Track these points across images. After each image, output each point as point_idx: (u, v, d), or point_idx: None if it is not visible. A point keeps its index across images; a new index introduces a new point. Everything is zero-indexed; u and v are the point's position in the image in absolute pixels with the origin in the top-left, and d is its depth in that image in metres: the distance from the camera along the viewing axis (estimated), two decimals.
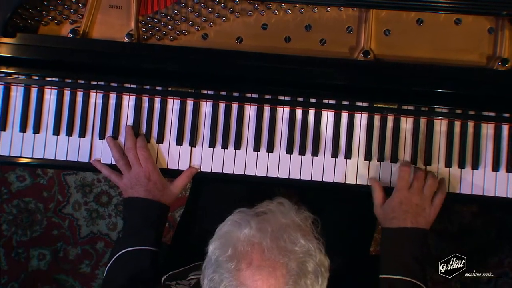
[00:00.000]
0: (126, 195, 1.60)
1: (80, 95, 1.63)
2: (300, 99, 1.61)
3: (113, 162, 1.61)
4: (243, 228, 1.13)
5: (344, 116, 1.62)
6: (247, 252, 1.10)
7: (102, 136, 1.62)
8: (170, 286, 1.37)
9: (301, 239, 1.12)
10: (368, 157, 1.61)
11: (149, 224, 1.55)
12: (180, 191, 1.63)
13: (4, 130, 1.63)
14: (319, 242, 1.16)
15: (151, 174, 1.57)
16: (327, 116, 1.62)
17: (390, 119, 1.62)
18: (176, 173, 1.63)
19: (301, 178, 1.62)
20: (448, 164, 1.61)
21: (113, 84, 1.62)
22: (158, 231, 1.56)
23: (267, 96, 1.62)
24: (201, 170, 1.62)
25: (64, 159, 1.63)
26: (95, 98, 1.63)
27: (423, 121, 1.62)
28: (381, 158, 1.61)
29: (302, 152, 1.61)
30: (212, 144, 1.62)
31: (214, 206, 1.72)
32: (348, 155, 1.61)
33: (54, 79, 1.62)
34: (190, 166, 1.62)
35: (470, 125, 1.62)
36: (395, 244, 1.51)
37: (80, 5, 1.61)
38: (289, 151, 1.62)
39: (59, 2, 1.60)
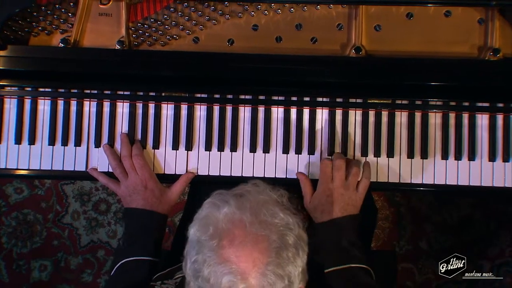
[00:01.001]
0: (124, 204, 1.60)
1: (73, 104, 1.63)
2: (294, 98, 1.61)
3: (110, 170, 1.61)
4: (222, 208, 1.14)
5: (339, 113, 1.62)
6: (228, 229, 1.10)
7: (97, 144, 1.62)
8: (155, 286, 1.37)
9: (280, 212, 1.14)
10: (364, 153, 1.61)
11: (147, 234, 1.55)
12: (178, 197, 1.63)
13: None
14: (297, 217, 1.17)
15: (147, 182, 1.57)
16: (322, 114, 1.62)
17: (384, 114, 1.62)
18: (174, 178, 1.63)
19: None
20: (445, 156, 1.61)
21: (106, 91, 1.62)
22: (156, 241, 1.56)
23: (261, 97, 1.62)
24: (198, 173, 1.62)
25: (61, 169, 1.63)
26: (89, 107, 1.63)
27: (417, 115, 1.62)
28: (377, 154, 1.61)
29: (298, 151, 1.61)
30: (208, 148, 1.62)
31: None
32: (344, 152, 1.61)
33: (47, 89, 1.62)
34: (186, 170, 1.62)
35: (465, 116, 1.62)
36: (330, 236, 1.51)
37: (70, 14, 1.61)
38: (286, 150, 1.62)
39: (49, 12, 1.60)
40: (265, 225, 1.11)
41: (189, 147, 1.62)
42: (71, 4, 1.60)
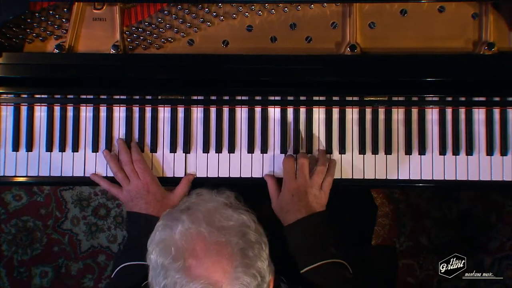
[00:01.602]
0: (127, 208, 1.60)
1: (70, 110, 1.63)
2: (291, 98, 1.61)
3: (109, 174, 1.61)
4: (175, 227, 1.12)
5: (335, 111, 1.62)
6: (189, 246, 1.09)
7: (95, 149, 1.62)
8: None
9: (233, 214, 1.14)
10: (362, 150, 1.61)
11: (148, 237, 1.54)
12: (180, 199, 1.62)
13: None
14: (249, 213, 1.17)
15: (149, 186, 1.57)
16: (319, 113, 1.62)
17: (381, 111, 1.62)
18: (172, 180, 1.62)
19: None
20: (443, 152, 1.61)
21: (102, 96, 1.62)
22: None
23: (258, 97, 1.62)
24: (197, 176, 1.62)
25: (59, 175, 1.63)
26: (86, 112, 1.63)
27: (414, 111, 1.62)
28: (375, 151, 1.61)
29: (296, 151, 1.61)
30: (206, 149, 1.62)
31: None
32: (342, 150, 1.61)
33: (43, 96, 1.62)
34: (185, 173, 1.62)
35: (462, 111, 1.62)
36: (299, 236, 1.50)
37: (64, 20, 1.61)
38: (283, 150, 1.62)
39: (43, 18, 1.60)
40: (223, 231, 1.10)
41: (187, 150, 1.62)
42: (65, 9, 1.60)
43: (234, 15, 1.61)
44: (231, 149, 1.62)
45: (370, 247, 1.93)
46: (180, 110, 1.63)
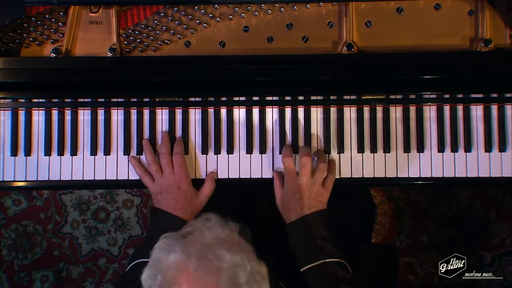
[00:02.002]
0: (154, 201, 1.60)
1: (68, 113, 1.62)
2: (288, 98, 1.61)
3: (108, 178, 1.61)
4: (169, 254, 1.14)
5: (333, 110, 1.62)
6: (175, 277, 1.10)
7: (93, 152, 1.62)
8: None
9: (226, 254, 1.12)
10: (360, 149, 1.61)
11: None
12: (207, 199, 1.61)
13: None
14: (248, 251, 1.17)
15: (181, 182, 1.56)
16: (317, 113, 1.62)
17: (379, 109, 1.62)
18: None
19: None
20: (441, 149, 1.61)
21: (100, 99, 1.61)
22: None
23: (255, 98, 1.61)
24: (196, 177, 1.62)
25: (58, 178, 1.62)
26: (83, 115, 1.63)
27: (412, 109, 1.62)
28: (373, 150, 1.61)
29: (295, 150, 1.61)
30: (204, 151, 1.62)
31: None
32: (340, 150, 1.61)
33: (40, 100, 1.61)
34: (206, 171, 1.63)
35: (459, 108, 1.62)
36: (300, 235, 1.51)
37: (60, 24, 1.61)
38: (282, 150, 1.61)
39: (39, 23, 1.60)
40: (211, 271, 1.10)
41: (185, 151, 1.61)
42: (61, 13, 1.60)
43: (231, 16, 1.61)
44: (230, 150, 1.62)
45: (370, 246, 1.93)
46: (178, 112, 1.63)
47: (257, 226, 1.77)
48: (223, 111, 1.62)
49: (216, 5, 1.59)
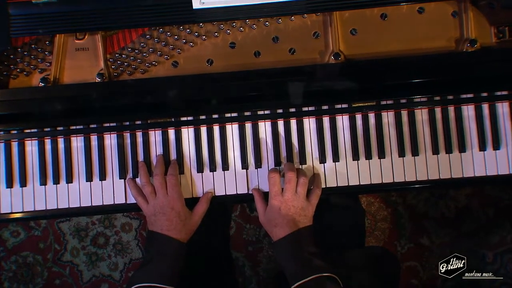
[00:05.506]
0: (148, 223, 1.59)
1: (61, 141, 1.62)
2: (280, 110, 1.62)
3: (106, 203, 1.61)
4: None
5: (326, 120, 1.63)
6: None
7: (89, 178, 1.61)
8: None
9: None
10: (355, 157, 1.62)
11: (163, 260, 1.52)
12: (200, 219, 1.61)
13: None
14: None
15: (175, 202, 1.56)
16: (309, 123, 1.63)
17: (371, 116, 1.62)
18: None
19: None
20: (436, 151, 1.61)
21: (92, 125, 1.61)
22: (172, 267, 1.54)
23: (247, 113, 1.62)
24: (193, 196, 1.62)
25: (55, 207, 1.62)
26: (77, 142, 1.62)
27: (404, 113, 1.62)
28: (368, 156, 1.61)
29: (289, 161, 1.61)
30: (200, 169, 1.62)
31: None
32: (335, 158, 1.62)
33: (33, 130, 1.61)
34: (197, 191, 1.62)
35: (451, 109, 1.63)
36: (288, 252, 1.50)
37: (47, 53, 1.61)
38: (277, 163, 1.62)
39: (25, 53, 1.60)
40: None
41: (181, 171, 1.61)
42: (47, 42, 1.60)
43: (216, 34, 1.61)
44: (225, 167, 1.62)
45: (364, 251, 1.93)
46: (171, 132, 1.63)
47: None
48: (216, 128, 1.62)
49: (201, 24, 1.60)
